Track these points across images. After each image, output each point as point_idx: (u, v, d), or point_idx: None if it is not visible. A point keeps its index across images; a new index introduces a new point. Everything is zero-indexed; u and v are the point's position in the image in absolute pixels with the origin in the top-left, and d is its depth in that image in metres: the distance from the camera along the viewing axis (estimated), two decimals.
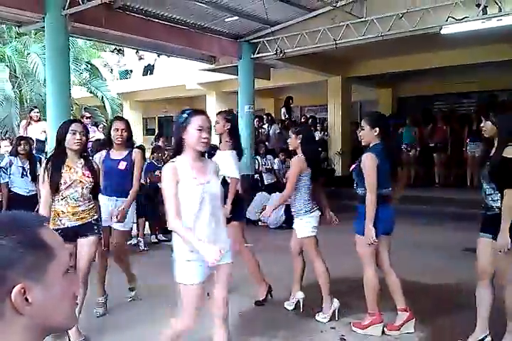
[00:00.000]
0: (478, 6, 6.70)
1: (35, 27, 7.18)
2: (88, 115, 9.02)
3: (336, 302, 3.75)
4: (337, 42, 8.03)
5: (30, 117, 8.15)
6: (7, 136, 9.98)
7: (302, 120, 12.28)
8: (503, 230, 2.89)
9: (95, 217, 3.34)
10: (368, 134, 3.43)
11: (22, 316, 0.82)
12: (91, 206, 3.32)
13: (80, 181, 3.25)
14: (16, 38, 12.33)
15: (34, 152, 7.07)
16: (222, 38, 9.08)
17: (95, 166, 3.43)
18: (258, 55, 9.31)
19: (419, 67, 10.44)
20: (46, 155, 6.59)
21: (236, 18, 8.34)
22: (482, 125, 3.19)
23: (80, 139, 3.24)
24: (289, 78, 11.90)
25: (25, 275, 0.82)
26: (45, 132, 7.53)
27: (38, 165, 5.99)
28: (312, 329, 3.62)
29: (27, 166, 5.83)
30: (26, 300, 0.82)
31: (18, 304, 0.81)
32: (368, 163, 3.32)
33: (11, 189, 5.75)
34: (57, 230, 2.95)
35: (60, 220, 3.22)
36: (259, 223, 8.05)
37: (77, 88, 11.82)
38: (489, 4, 6.66)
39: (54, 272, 0.86)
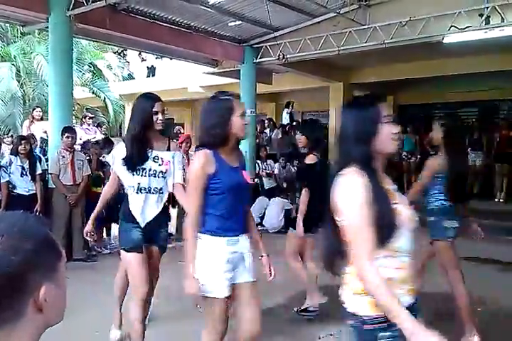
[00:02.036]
0: (481, 15, 6.74)
1: (39, 27, 7.21)
2: (91, 115, 9.03)
3: None
4: (339, 48, 8.06)
5: (33, 117, 8.17)
6: (10, 134, 9.99)
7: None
8: (298, 223, 3.74)
9: None
10: None
11: (41, 315, 0.85)
12: None
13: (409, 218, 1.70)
14: (19, 37, 12.36)
15: (38, 150, 7.09)
16: (225, 42, 9.12)
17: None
18: (261, 60, 9.34)
19: (420, 75, 10.47)
20: (46, 155, 6.61)
21: (239, 22, 8.38)
22: (297, 137, 3.93)
23: None
24: (291, 83, 11.92)
25: (45, 276, 0.85)
26: (45, 132, 7.54)
27: (38, 165, 6.01)
28: (310, 336, 3.62)
29: (27, 165, 5.83)
30: (45, 299, 0.84)
31: (42, 304, 0.84)
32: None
33: (11, 188, 5.75)
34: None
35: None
36: (259, 227, 8.05)
37: (79, 89, 11.84)
38: (492, 14, 6.70)
39: (61, 270, 0.90)
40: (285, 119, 12.20)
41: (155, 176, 2.91)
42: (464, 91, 11.51)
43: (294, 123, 12.12)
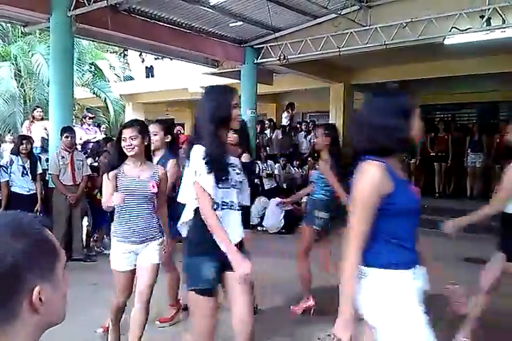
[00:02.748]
0: (482, 17, 6.74)
1: (41, 27, 7.21)
2: (91, 115, 9.03)
3: None
4: (340, 49, 8.06)
5: (33, 117, 8.18)
6: (11, 133, 10.02)
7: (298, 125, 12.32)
8: None
9: None
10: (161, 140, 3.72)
11: (37, 315, 0.84)
12: None
13: None
14: (20, 37, 12.38)
15: (39, 150, 7.09)
16: (226, 43, 9.12)
17: None
18: (261, 60, 9.35)
19: (421, 77, 10.47)
20: (47, 154, 6.61)
21: (240, 23, 8.39)
22: (229, 135, 3.80)
23: None
24: (292, 84, 11.93)
25: (40, 276, 0.84)
26: (46, 129, 7.54)
27: (39, 165, 6.01)
28: (309, 336, 3.62)
29: (27, 165, 5.84)
30: (40, 300, 0.84)
31: (36, 305, 0.83)
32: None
33: (11, 188, 5.76)
34: None
35: None
36: (259, 228, 8.05)
37: (80, 89, 11.85)
38: (493, 16, 6.70)
39: (59, 271, 0.89)
40: (285, 119, 12.22)
41: (235, 187, 2.40)
42: (464, 92, 11.52)
43: (298, 125, 12.14)
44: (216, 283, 2.33)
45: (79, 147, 7.03)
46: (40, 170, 5.97)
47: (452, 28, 6.98)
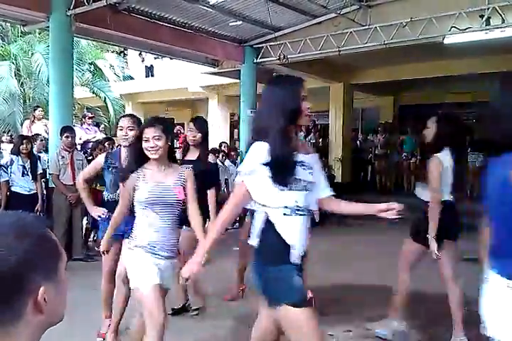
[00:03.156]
0: (482, 16, 6.75)
1: (40, 26, 7.22)
2: (91, 115, 9.02)
3: None
4: (340, 49, 8.07)
5: (34, 116, 8.17)
6: (10, 133, 10.01)
7: None
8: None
9: None
10: None
11: (40, 316, 0.84)
12: None
13: None
14: (20, 36, 12.38)
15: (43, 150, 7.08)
16: (226, 42, 9.12)
17: None
18: (261, 60, 9.35)
19: (421, 76, 10.48)
20: (47, 154, 6.61)
21: (240, 22, 8.39)
22: (193, 134, 3.65)
23: None
24: None
25: (44, 276, 0.84)
26: (46, 125, 7.54)
27: (39, 164, 6.01)
28: None
29: (28, 165, 5.83)
30: (44, 300, 0.83)
31: (41, 305, 0.83)
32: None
33: (12, 188, 5.75)
34: None
35: None
36: None
37: (80, 88, 11.85)
38: (492, 15, 6.71)
39: (61, 270, 0.89)
40: None
41: (307, 189, 2.08)
42: (464, 91, 11.53)
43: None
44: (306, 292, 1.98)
45: (78, 147, 7.01)
46: (40, 170, 5.97)
47: (452, 27, 6.99)
